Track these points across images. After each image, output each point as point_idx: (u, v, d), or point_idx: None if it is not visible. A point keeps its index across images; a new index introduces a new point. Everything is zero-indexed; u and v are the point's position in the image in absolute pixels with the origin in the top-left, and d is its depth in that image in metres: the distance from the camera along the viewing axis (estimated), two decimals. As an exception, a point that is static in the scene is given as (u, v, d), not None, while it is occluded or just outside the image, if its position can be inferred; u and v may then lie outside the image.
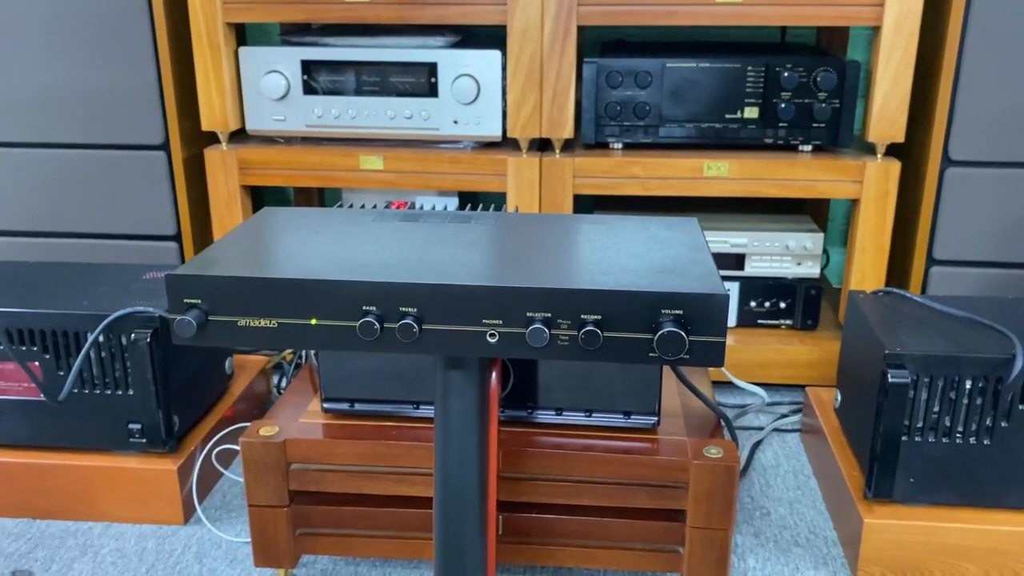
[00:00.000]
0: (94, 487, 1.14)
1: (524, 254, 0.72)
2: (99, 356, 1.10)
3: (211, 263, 0.67)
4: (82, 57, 1.44)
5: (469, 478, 0.73)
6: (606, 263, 0.70)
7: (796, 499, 1.21)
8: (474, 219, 0.83)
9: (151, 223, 1.52)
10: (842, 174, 1.36)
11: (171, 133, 1.47)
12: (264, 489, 0.98)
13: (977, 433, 1.00)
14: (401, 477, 0.98)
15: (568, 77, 1.36)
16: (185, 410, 1.17)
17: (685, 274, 0.66)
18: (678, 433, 0.98)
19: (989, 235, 1.39)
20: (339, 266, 0.67)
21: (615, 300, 0.63)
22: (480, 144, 1.45)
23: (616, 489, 0.95)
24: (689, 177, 1.38)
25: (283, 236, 0.76)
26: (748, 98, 1.37)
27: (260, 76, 1.42)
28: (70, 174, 1.50)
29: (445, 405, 0.71)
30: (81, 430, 1.13)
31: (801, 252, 1.43)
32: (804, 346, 1.44)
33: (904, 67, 1.31)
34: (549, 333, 0.63)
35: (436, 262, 0.69)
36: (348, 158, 1.43)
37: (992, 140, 1.35)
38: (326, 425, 1.00)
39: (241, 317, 0.64)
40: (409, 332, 0.63)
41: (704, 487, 0.93)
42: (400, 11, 1.36)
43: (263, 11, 1.38)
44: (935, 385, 1.00)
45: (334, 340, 0.65)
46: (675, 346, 0.62)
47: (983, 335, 1.03)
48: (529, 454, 0.95)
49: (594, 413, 0.97)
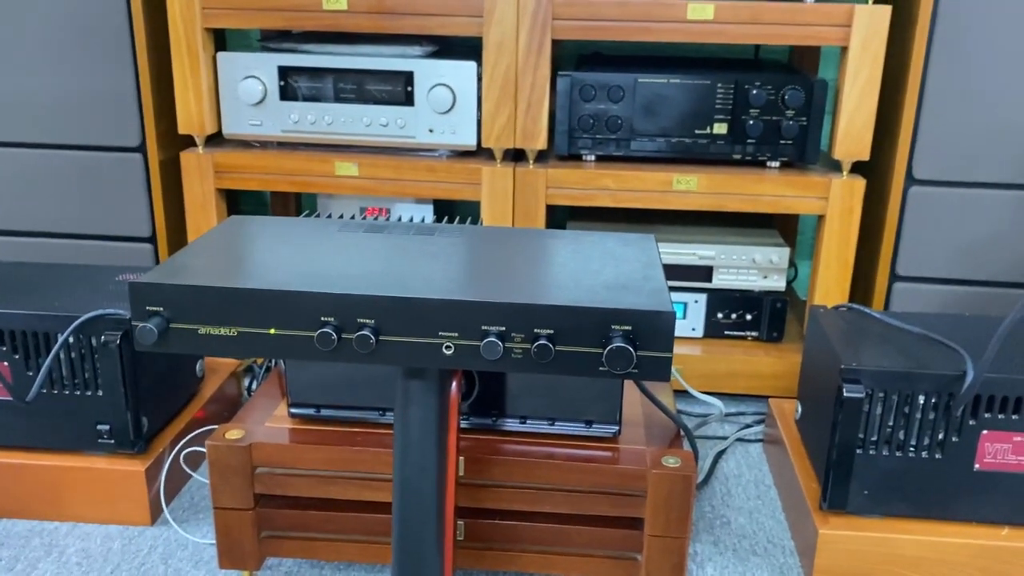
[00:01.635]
0: (61, 487, 1.14)
1: (483, 268, 0.74)
2: (69, 357, 1.11)
3: (174, 271, 0.68)
4: (61, 58, 1.44)
5: (427, 486, 0.75)
6: (561, 278, 0.72)
7: (756, 508, 1.23)
8: (438, 231, 0.85)
9: (127, 224, 1.53)
10: (808, 190, 1.39)
11: (148, 135, 1.48)
12: (230, 492, 0.99)
13: (929, 447, 1.03)
14: (366, 482, 0.99)
15: (542, 89, 1.38)
16: (154, 412, 1.18)
17: (636, 291, 0.69)
18: (638, 442, 1.00)
19: (951, 253, 1.42)
20: (299, 276, 0.68)
21: (567, 315, 0.65)
22: (455, 153, 1.47)
23: (577, 496, 0.97)
24: (659, 190, 1.40)
25: (247, 245, 0.77)
26: (717, 114, 1.40)
27: (238, 81, 1.43)
28: (46, 174, 1.51)
29: (404, 414, 0.73)
30: (49, 430, 1.13)
31: (767, 265, 1.46)
32: (769, 357, 1.46)
33: (870, 87, 1.34)
34: (503, 346, 0.65)
35: (396, 274, 0.70)
36: (324, 164, 1.44)
37: (955, 160, 1.38)
38: (292, 430, 1.01)
39: (201, 325, 0.65)
40: (366, 343, 0.65)
41: (662, 496, 0.95)
42: (378, 20, 1.37)
43: (242, 18, 1.39)
44: (889, 400, 1.02)
45: (292, 349, 0.66)
46: (623, 361, 0.64)
47: (937, 352, 1.05)
48: (493, 461, 0.96)
49: (557, 422, 0.99)
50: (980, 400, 1.01)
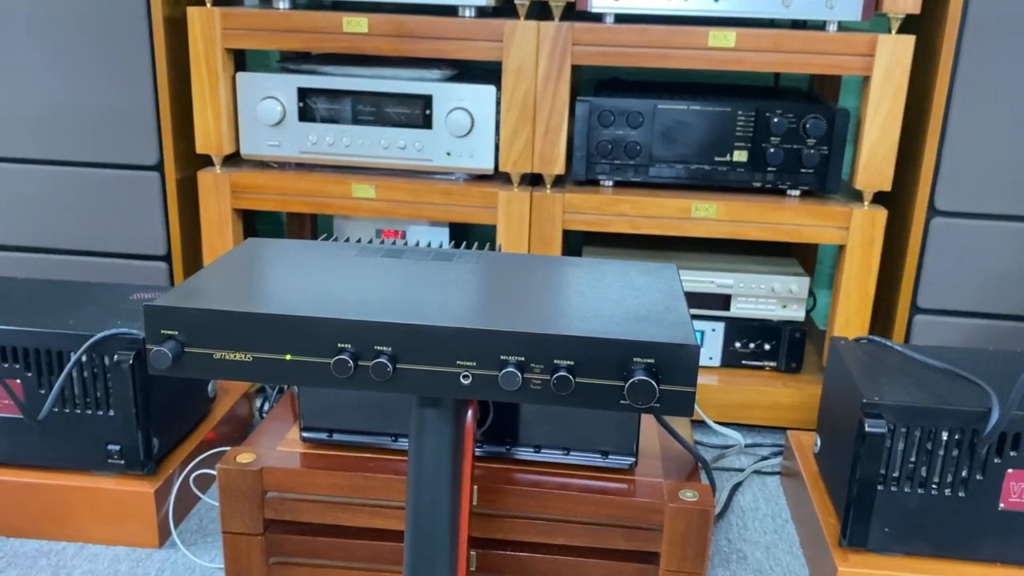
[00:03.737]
0: (70, 507, 1.13)
1: (501, 296, 0.73)
2: (81, 376, 1.10)
3: (189, 295, 0.67)
4: (81, 76, 1.45)
5: (440, 517, 0.73)
6: (582, 308, 0.71)
7: (773, 543, 1.20)
8: (456, 257, 0.84)
9: (142, 243, 1.53)
10: (829, 220, 1.37)
11: (166, 154, 1.48)
12: (239, 516, 0.98)
13: (952, 485, 1.00)
14: (377, 510, 0.97)
15: (561, 114, 1.37)
16: (165, 432, 1.17)
17: (659, 323, 0.67)
18: (655, 475, 0.98)
19: (973, 285, 1.40)
20: (316, 302, 0.67)
21: (588, 346, 0.64)
22: (472, 176, 1.46)
23: (591, 529, 0.95)
24: (677, 217, 1.39)
25: (264, 269, 0.77)
26: (738, 141, 1.39)
27: (257, 101, 1.43)
28: (64, 191, 1.51)
29: (419, 443, 0.72)
30: (59, 449, 1.13)
31: (786, 295, 1.44)
32: (787, 388, 1.44)
33: (892, 117, 1.33)
34: (522, 377, 0.64)
35: (413, 301, 0.69)
36: (341, 185, 1.44)
37: (978, 191, 1.37)
38: (304, 454, 1.00)
39: (217, 350, 0.65)
40: (383, 371, 0.64)
41: (679, 530, 0.93)
42: (398, 44, 1.37)
43: (262, 39, 1.39)
44: (912, 436, 1.00)
45: (308, 376, 0.65)
46: (645, 395, 0.63)
47: (961, 387, 1.03)
48: (506, 491, 0.95)
49: (572, 452, 0.98)
50: (1005, 438, 0.99)
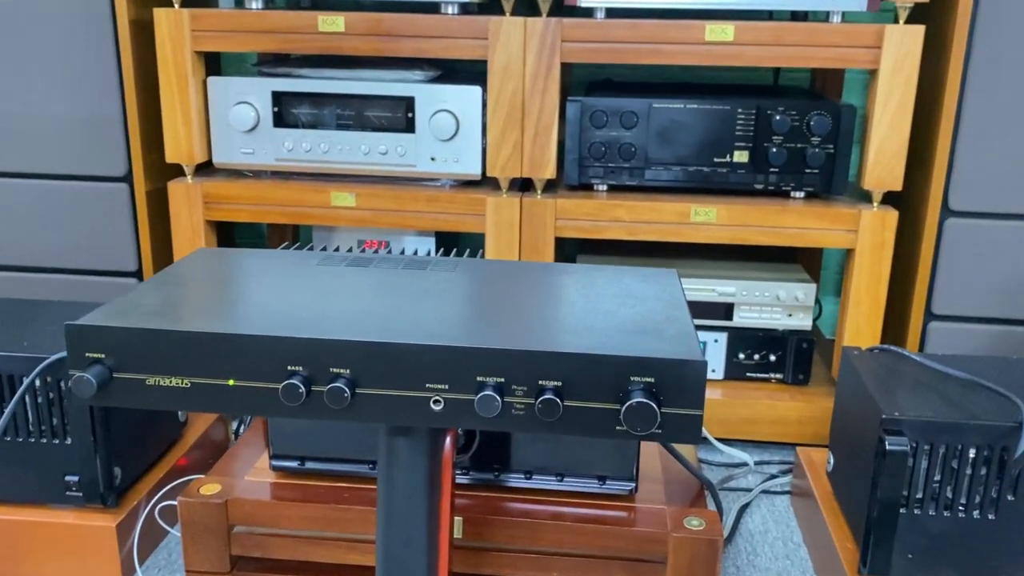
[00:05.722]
0: (25, 544, 1.05)
1: (480, 308, 0.65)
2: (35, 402, 1.02)
3: (120, 312, 0.59)
4: (43, 83, 1.38)
5: (415, 558, 0.65)
6: (571, 320, 0.62)
7: (785, 570, 1.12)
8: (431, 265, 0.76)
9: (111, 258, 1.45)
10: (836, 223, 1.29)
11: (135, 165, 1.41)
12: (203, 553, 0.90)
13: (981, 506, 0.93)
14: (353, 544, 0.90)
15: (551, 115, 1.30)
16: (129, 461, 1.09)
17: (659, 335, 0.59)
18: (657, 500, 0.91)
19: (991, 290, 1.33)
20: (264, 318, 0.59)
21: (578, 364, 0.56)
22: (458, 182, 1.39)
23: (588, 562, 0.88)
24: (675, 222, 1.31)
25: (211, 282, 0.68)
26: (738, 141, 1.31)
27: (229, 107, 1.36)
28: (28, 205, 1.44)
29: (388, 477, 0.63)
30: (12, 482, 1.05)
31: (792, 303, 1.36)
32: (795, 402, 1.36)
33: (902, 112, 1.25)
34: (501, 401, 0.56)
35: (378, 316, 0.61)
36: (319, 194, 1.36)
37: (995, 190, 1.30)
38: (274, 484, 0.92)
39: (149, 375, 0.56)
40: (340, 397, 0.55)
41: (684, 562, 0.86)
42: (378, 44, 1.30)
43: (233, 41, 1.32)
44: (935, 453, 0.92)
45: (254, 404, 0.57)
46: (645, 419, 0.54)
47: (987, 399, 0.96)
48: (494, 522, 0.87)
49: (566, 477, 0.91)
50: (1039, 455, 0.91)
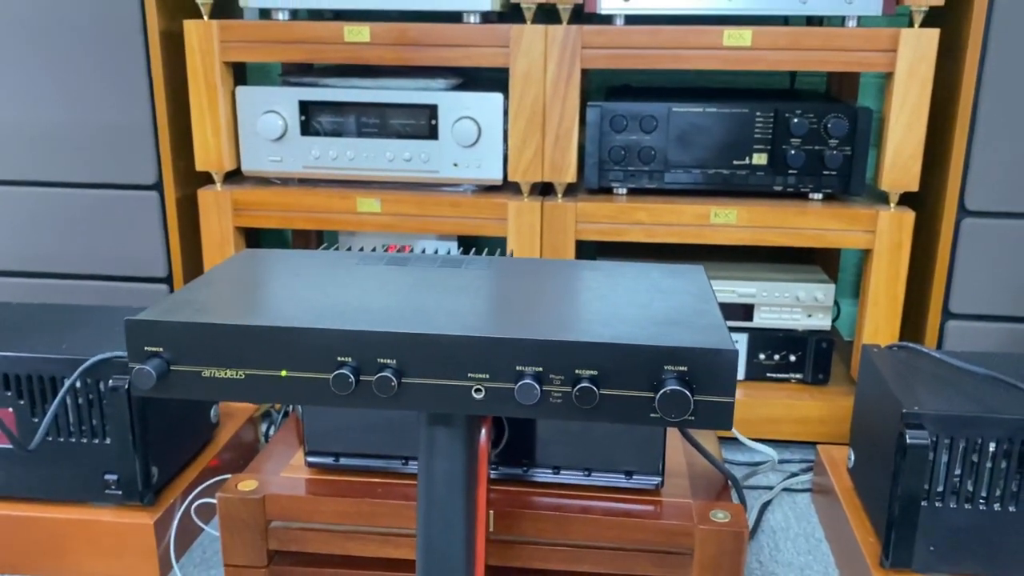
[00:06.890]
0: (65, 541, 1.08)
1: (516, 302, 0.67)
2: (75, 403, 1.05)
3: (175, 308, 0.62)
4: (75, 94, 1.41)
5: (454, 545, 0.67)
6: (604, 313, 0.65)
7: (807, 565, 1.14)
8: (465, 263, 0.78)
9: (142, 264, 1.48)
10: (854, 223, 1.31)
11: (164, 173, 1.44)
12: (241, 548, 0.93)
13: (1002, 499, 0.94)
14: (387, 538, 0.92)
15: (571, 120, 1.32)
16: (165, 461, 1.11)
17: (690, 326, 0.61)
18: (683, 495, 0.93)
19: (1008, 288, 1.34)
20: (314, 312, 0.62)
21: (613, 354, 0.58)
22: (480, 187, 1.41)
23: (616, 555, 0.90)
24: (695, 224, 1.33)
25: (259, 279, 0.71)
26: (757, 144, 1.33)
27: (257, 116, 1.39)
28: (60, 213, 1.47)
29: (429, 465, 0.66)
30: (54, 481, 1.07)
31: (812, 303, 1.38)
32: (815, 401, 1.38)
33: (918, 113, 1.27)
34: (540, 389, 0.58)
35: (420, 309, 0.64)
36: (345, 200, 1.39)
37: (1010, 189, 1.31)
38: (309, 480, 0.94)
39: (205, 367, 0.59)
40: (387, 386, 0.58)
41: (710, 554, 0.87)
42: (401, 53, 1.33)
43: (261, 51, 1.35)
44: (956, 447, 0.94)
45: (306, 394, 0.59)
46: (679, 406, 0.57)
47: (1007, 394, 0.97)
48: (523, 515, 0.89)
49: (593, 472, 0.92)
50: (1058, 447, 0.92)
